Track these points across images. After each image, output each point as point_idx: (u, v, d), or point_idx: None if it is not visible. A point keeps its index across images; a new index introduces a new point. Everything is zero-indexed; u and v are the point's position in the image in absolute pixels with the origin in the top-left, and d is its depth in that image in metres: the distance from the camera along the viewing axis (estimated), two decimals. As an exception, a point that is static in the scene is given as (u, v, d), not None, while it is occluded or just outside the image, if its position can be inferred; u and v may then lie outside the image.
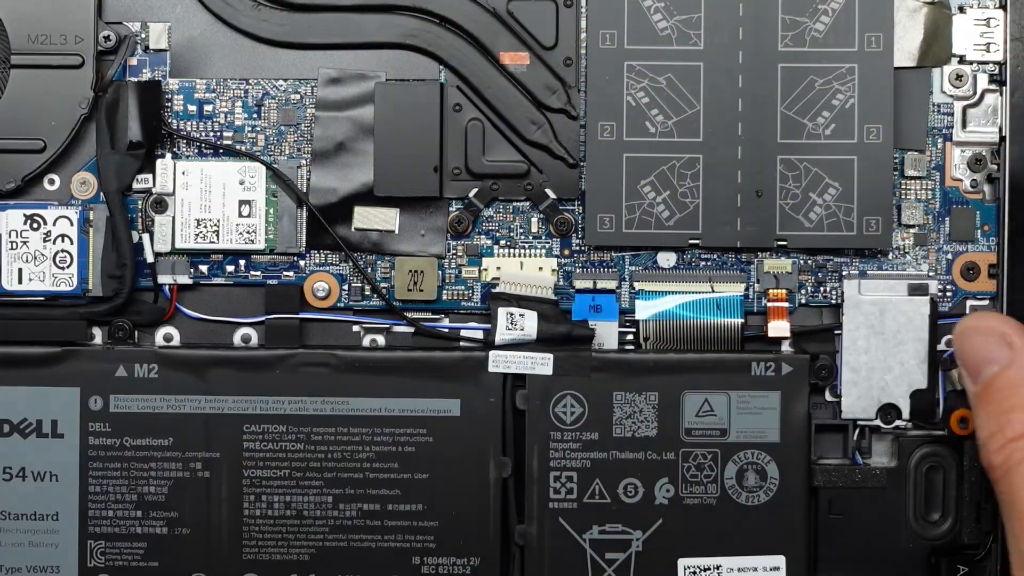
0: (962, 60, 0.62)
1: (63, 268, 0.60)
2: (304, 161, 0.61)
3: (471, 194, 0.61)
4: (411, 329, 0.62)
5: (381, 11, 0.61)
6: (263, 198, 0.61)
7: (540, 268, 0.62)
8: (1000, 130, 0.61)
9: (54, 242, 0.61)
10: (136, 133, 0.60)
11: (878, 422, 0.61)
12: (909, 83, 0.61)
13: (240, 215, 0.61)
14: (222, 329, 0.62)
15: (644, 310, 0.62)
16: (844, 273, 0.62)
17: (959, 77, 0.61)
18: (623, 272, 0.62)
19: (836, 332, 0.62)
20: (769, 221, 0.61)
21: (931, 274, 0.62)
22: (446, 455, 0.60)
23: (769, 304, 0.62)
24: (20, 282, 0.61)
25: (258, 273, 0.62)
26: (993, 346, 0.52)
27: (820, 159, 0.60)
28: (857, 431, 0.62)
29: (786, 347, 0.62)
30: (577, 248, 0.62)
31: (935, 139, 0.62)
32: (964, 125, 0.62)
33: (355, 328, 0.62)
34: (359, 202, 0.61)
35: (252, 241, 0.61)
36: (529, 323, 0.60)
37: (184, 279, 0.61)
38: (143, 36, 0.61)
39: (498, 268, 0.62)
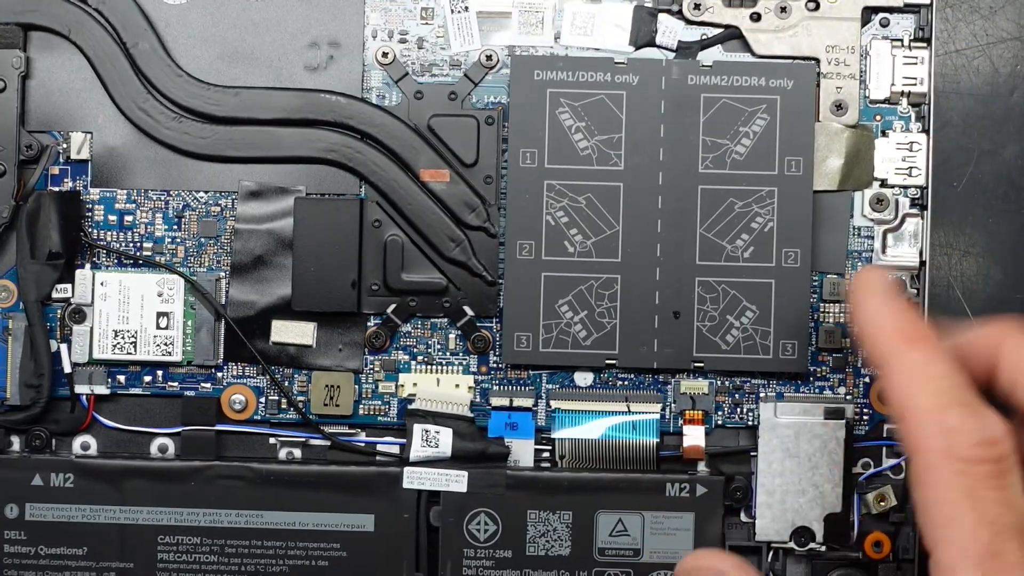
0: (884, 184, 0.63)
1: (-19, 376, 0.62)
2: (223, 273, 0.63)
3: (389, 310, 0.63)
4: (327, 443, 0.63)
5: (302, 126, 0.63)
6: (181, 310, 0.63)
7: (457, 385, 0.63)
8: (920, 254, 0.63)
9: (-28, 350, 0.62)
10: (56, 243, 0.61)
11: (792, 544, 0.63)
12: (829, 206, 0.63)
13: (158, 327, 0.62)
14: (139, 439, 0.64)
15: (562, 432, 0.63)
16: (761, 395, 0.63)
17: (880, 201, 0.63)
18: (539, 390, 0.63)
19: (752, 454, 0.63)
20: (686, 342, 0.62)
21: (848, 397, 0.63)
22: (360, 570, 0.62)
23: (685, 426, 0.63)
24: (-62, 389, 0.62)
25: (175, 384, 0.63)
26: None
27: (738, 281, 0.62)
28: (771, 553, 0.63)
29: (701, 468, 0.63)
30: (494, 365, 0.63)
31: (855, 262, 0.63)
32: (884, 249, 0.63)
33: (271, 441, 0.64)
34: (277, 315, 0.63)
35: (170, 353, 0.63)
36: (444, 440, 0.62)
37: (101, 389, 0.63)
38: (64, 146, 0.62)
39: (415, 384, 0.63)
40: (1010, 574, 0.45)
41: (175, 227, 0.64)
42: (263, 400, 0.64)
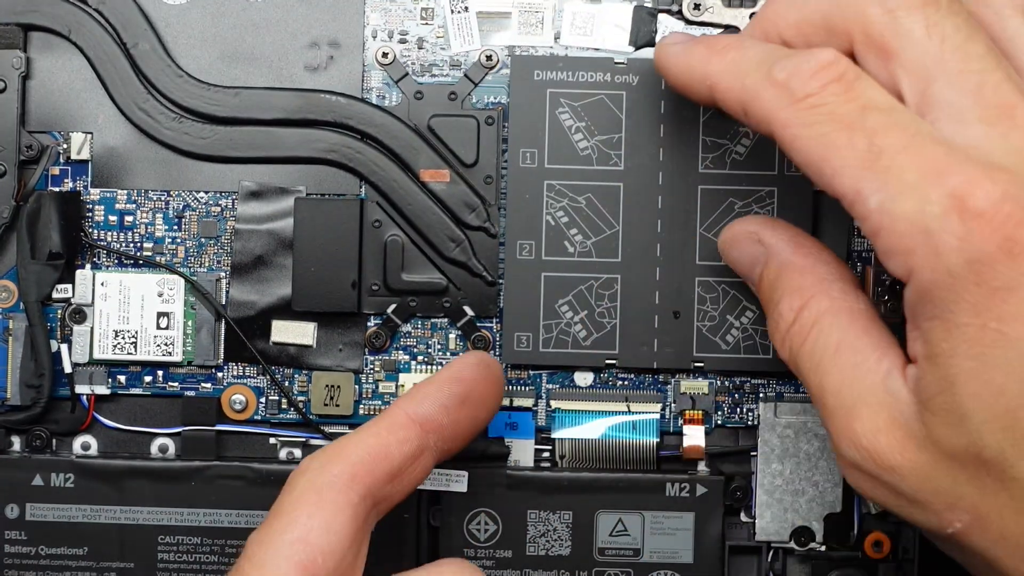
0: (883, 183, 0.63)
1: (-19, 376, 0.63)
2: (223, 274, 0.63)
3: (389, 310, 0.63)
4: (328, 443, 0.63)
5: (302, 126, 0.63)
6: (182, 310, 0.63)
7: (457, 385, 0.63)
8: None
9: (-27, 350, 0.63)
10: (56, 243, 0.62)
11: (792, 544, 0.63)
12: (830, 206, 0.63)
13: (158, 327, 0.63)
14: (139, 439, 0.64)
15: (562, 432, 0.63)
16: (761, 395, 0.63)
17: (879, 201, 0.63)
18: (539, 390, 0.64)
19: (752, 454, 0.63)
20: (686, 342, 0.62)
21: (848, 397, 0.63)
22: (360, 570, 0.62)
23: (685, 426, 0.63)
24: (-62, 390, 0.63)
25: (176, 384, 0.64)
26: (748, 250, 0.56)
27: (738, 281, 0.62)
28: (771, 553, 0.64)
29: (701, 468, 0.63)
30: (494, 365, 0.64)
31: (855, 262, 0.63)
32: (884, 249, 0.63)
33: (272, 441, 0.64)
34: (277, 316, 0.63)
35: (170, 353, 0.63)
36: (445, 440, 0.62)
37: (102, 389, 0.64)
38: (65, 146, 0.63)
39: (415, 384, 0.63)
40: (894, 162, 0.45)
41: (175, 227, 0.64)
42: (263, 400, 0.64)
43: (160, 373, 0.64)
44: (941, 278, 0.44)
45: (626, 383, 0.64)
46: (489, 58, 0.64)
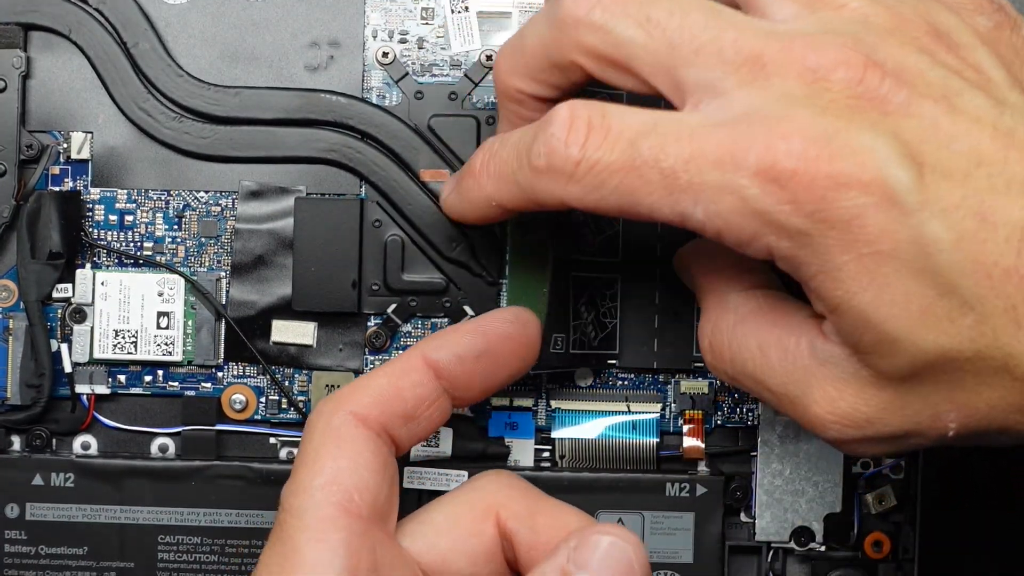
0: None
1: (-19, 376, 0.64)
2: (224, 273, 0.64)
3: (389, 310, 0.64)
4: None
5: (303, 126, 0.64)
6: (182, 310, 0.64)
7: (457, 385, 0.64)
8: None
9: (-27, 350, 0.64)
10: (56, 243, 0.62)
11: (792, 544, 0.64)
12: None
13: (159, 326, 0.64)
14: (139, 439, 0.65)
15: (562, 432, 0.64)
16: (761, 395, 0.64)
17: (880, 201, 0.64)
18: (539, 390, 0.64)
19: (752, 454, 0.64)
20: (686, 343, 0.63)
21: (848, 397, 0.64)
22: (360, 570, 0.63)
23: (685, 426, 0.64)
24: (-62, 389, 0.64)
25: (176, 384, 0.65)
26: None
27: (738, 281, 0.63)
28: (771, 553, 0.65)
29: (702, 468, 0.64)
30: (494, 365, 0.64)
31: (855, 262, 0.64)
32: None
33: (272, 440, 0.65)
34: (277, 315, 0.64)
35: (170, 353, 0.64)
36: (444, 439, 0.63)
37: (102, 389, 0.64)
38: (65, 146, 0.64)
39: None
40: (689, 173, 0.46)
41: (175, 227, 0.65)
42: (263, 400, 0.65)
43: (160, 373, 0.65)
44: (797, 241, 0.45)
45: (626, 383, 0.65)
46: (489, 58, 0.64)
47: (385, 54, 0.65)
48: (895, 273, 0.45)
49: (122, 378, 0.65)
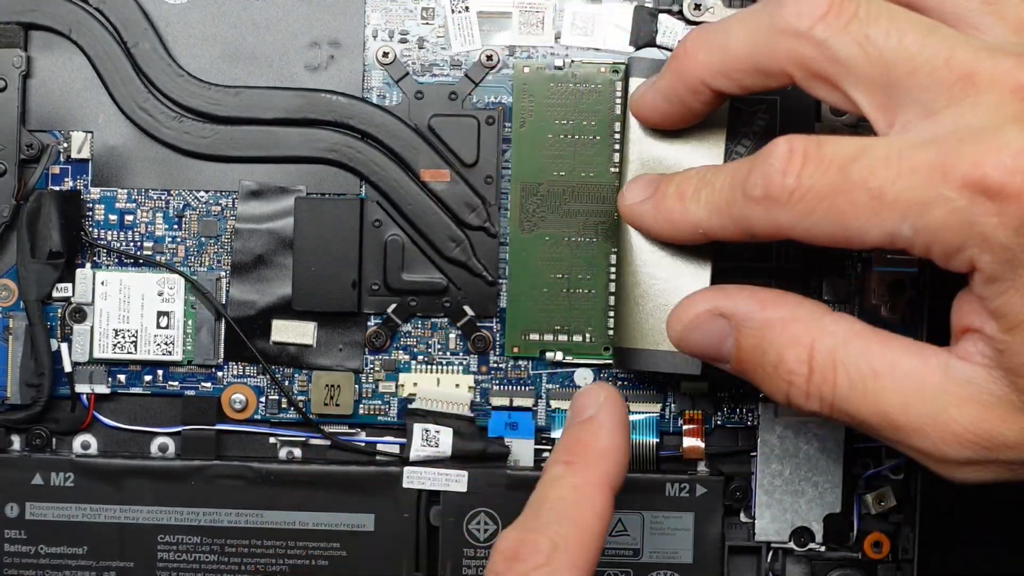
0: (883, 184, 0.64)
1: (-19, 375, 0.64)
2: (224, 273, 0.64)
3: (389, 310, 0.64)
4: (327, 443, 0.65)
5: (303, 125, 0.64)
6: (182, 309, 0.64)
7: (457, 385, 0.65)
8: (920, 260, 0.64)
9: (-27, 349, 0.64)
10: (56, 242, 0.63)
11: (792, 545, 0.64)
12: (830, 206, 0.64)
13: (158, 326, 0.64)
14: (139, 438, 0.66)
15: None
16: (760, 395, 0.64)
17: (880, 201, 0.64)
18: (539, 390, 0.65)
19: (751, 454, 0.64)
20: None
21: (848, 398, 0.64)
22: (359, 570, 0.64)
23: (684, 426, 0.65)
24: (-62, 388, 0.64)
25: (176, 384, 0.65)
26: (711, 328, 0.54)
27: (738, 282, 0.63)
28: (771, 553, 0.65)
29: (701, 468, 0.65)
30: (494, 365, 0.65)
31: (855, 262, 0.64)
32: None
33: (271, 440, 0.65)
34: (277, 315, 0.64)
35: (170, 352, 0.64)
36: (444, 439, 0.64)
37: (102, 388, 0.65)
38: (65, 145, 0.64)
39: (415, 384, 0.65)
40: (898, 191, 0.46)
41: (175, 226, 0.65)
42: (263, 400, 0.66)
43: (160, 372, 0.65)
44: (1000, 255, 0.46)
45: (626, 383, 0.65)
46: (489, 58, 0.65)
47: (385, 54, 0.65)
48: None
49: (122, 378, 0.65)
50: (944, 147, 0.46)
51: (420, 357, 0.66)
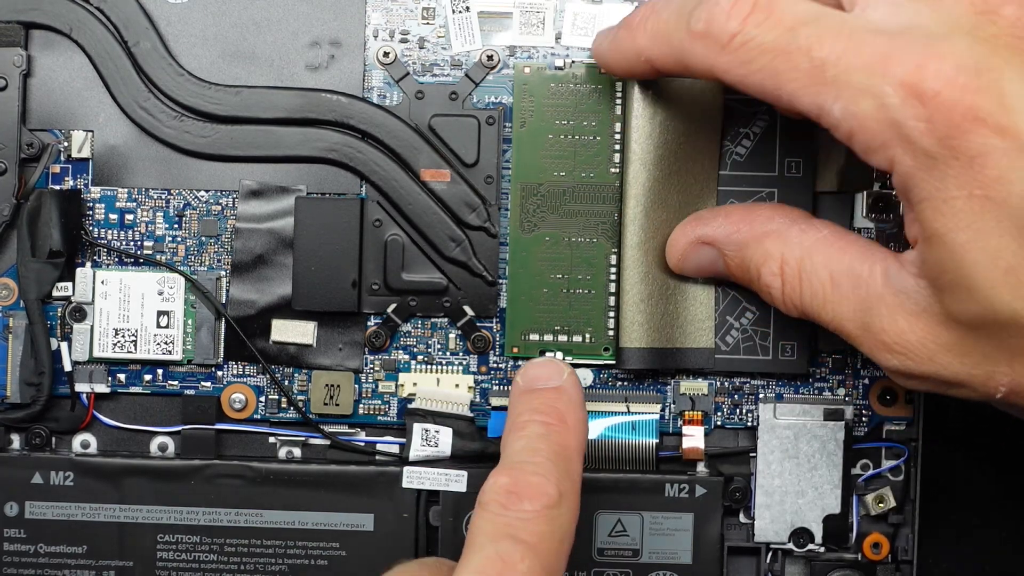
0: (884, 185, 0.65)
1: (-19, 374, 0.65)
2: (224, 272, 0.65)
3: (389, 309, 0.65)
4: (327, 442, 0.65)
5: (303, 125, 0.65)
6: (182, 309, 0.65)
7: (456, 385, 0.65)
8: (920, 256, 0.65)
9: (-27, 348, 0.65)
10: (56, 241, 0.63)
11: (791, 546, 0.65)
12: (831, 208, 0.65)
13: (158, 325, 0.65)
14: (139, 438, 0.66)
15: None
16: (760, 396, 0.65)
17: (880, 202, 0.65)
18: (539, 390, 0.65)
19: (751, 455, 0.65)
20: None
21: (847, 399, 0.65)
22: (359, 570, 0.65)
23: (684, 427, 0.65)
24: (-62, 387, 0.65)
25: (175, 383, 0.65)
26: (701, 254, 0.60)
27: (738, 282, 0.64)
28: (770, 554, 0.65)
29: (701, 468, 0.65)
30: (494, 365, 0.65)
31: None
32: (884, 250, 0.65)
33: (271, 440, 0.66)
34: (277, 315, 0.65)
35: (170, 352, 0.65)
36: (444, 439, 0.64)
37: (102, 388, 0.65)
38: (65, 144, 0.65)
39: (415, 384, 0.65)
40: (839, 69, 0.47)
41: (176, 226, 0.66)
42: (263, 399, 0.66)
43: (160, 372, 0.66)
44: (920, 161, 0.47)
45: (626, 383, 0.66)
46: (490, 58, 0.65)
47: (386, 54, 0.66)
48: (995, 223, 0.46)
49: (122, 377, 0.66)
50: (893, 41, 0.47)
51: (420, 357, 0.66)
